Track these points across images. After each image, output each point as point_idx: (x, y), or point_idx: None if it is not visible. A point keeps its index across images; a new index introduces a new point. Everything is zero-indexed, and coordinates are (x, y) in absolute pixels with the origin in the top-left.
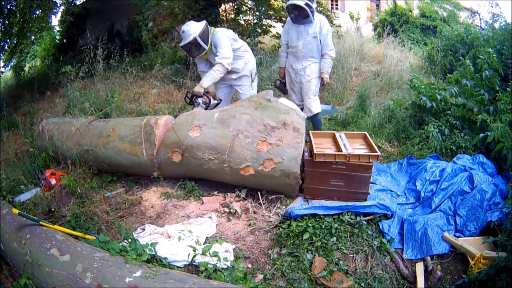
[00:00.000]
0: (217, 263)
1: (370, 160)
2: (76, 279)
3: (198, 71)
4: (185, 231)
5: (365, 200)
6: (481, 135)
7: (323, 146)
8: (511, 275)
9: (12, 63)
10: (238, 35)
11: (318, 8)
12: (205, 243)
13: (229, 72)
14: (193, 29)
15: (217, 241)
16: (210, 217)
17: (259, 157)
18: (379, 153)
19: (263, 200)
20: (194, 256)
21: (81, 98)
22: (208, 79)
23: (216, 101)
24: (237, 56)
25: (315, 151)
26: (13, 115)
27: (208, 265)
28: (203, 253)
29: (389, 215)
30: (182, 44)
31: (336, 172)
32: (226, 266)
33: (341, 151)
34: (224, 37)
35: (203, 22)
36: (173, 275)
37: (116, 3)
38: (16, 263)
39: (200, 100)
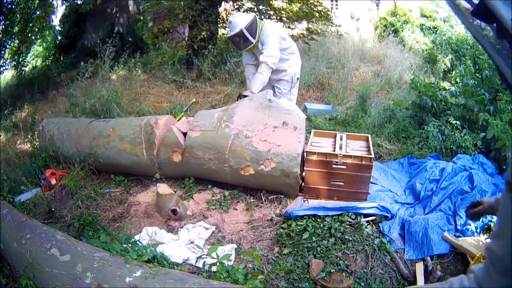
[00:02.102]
0: (218, 263)
1: (363, 162)
2: (76, 279)
3: (243, 63)
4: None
5: (365, 200)
6: (482, 134)
7: (320, 145)
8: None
9: (13, 63)
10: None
11: (318, 8)
12: (204, 244)
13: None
14: (240, 20)
15: (219, 241)
16: (205, 227)
17: (259, 157)
18: (372, 155)
19: (263, 200)
20: (199, 257)
21: (82, 98)
22: (257, 84)
23: None
24: (281, 58)
25: (307, 148)
26: (13, 115)
27: (212, 267)
28: (208, 254)
29: (389, 217)
30: (228, 35)
31: (336, 172)
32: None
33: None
34: (272, 33)
35: (252, 14)
36: (173, 275)
37: (116, 3)
38: (16, 263)
39: None
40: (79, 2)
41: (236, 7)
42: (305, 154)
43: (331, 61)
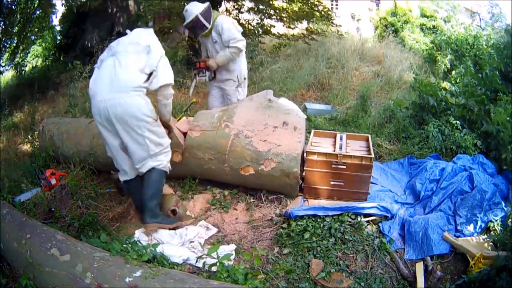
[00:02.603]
0: (219, 263)
1: (363, 162)
2: (76, 279)
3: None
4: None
5: (365, 200)
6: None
7: (320, 145)
8: (511, 274)
9: (13, 63)
10: (242, 35)
11: (319, 8)
12: (204, 244)
13: (220, 71)
14: (195, 8)
15: (219, 241)
16: (206, 226)
17: (259, 157)
18: (372, 155)
19: (263, 200)
20: (199, 257)
21: (82, 98)
22: (223, 59)
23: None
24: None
25: (307, 148)
26: (13, 115)
27: (212, 267)
28: (209, 254)
29: (389, 217)
30: (185, 23)
31: (336, 172)
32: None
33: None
34: (230, 22)
35: (207, 4)
36: (173, 275)
37: (116, 3)
38: (16, 263)
39: (207, 73)
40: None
41: (236, 7)
42: (305, 154)
43: (331, 61)
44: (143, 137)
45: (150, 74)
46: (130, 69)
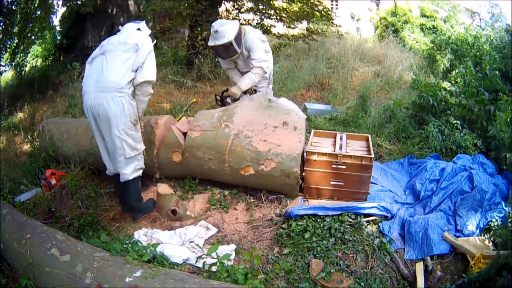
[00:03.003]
0: (218, 263)
1: (363, 162)
2: (76, 279)
3: (222, 68)
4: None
5: (365, 200)
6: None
7: (320, 145)
8: None
9: (13, 63)
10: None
11: (319, 8)
12: (204, 244)
13: None
14: (229, 30)
15: (219, 241)
16: (206, 226)
17: (259, 157)
18: (372, 155)
19: (263, 200)
20: (199, 257)
21: (81, 98)
22: (248, 82)
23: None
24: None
25: (307, 148)
26: (13, 115)
27: (212, 267)
28: (209, 254)
29: (389, 217)
30: (212, 44)
31: (336, 172)
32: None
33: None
34: (256, 39)
35: (237, 23)
36: (173, 275)
37: (116, 3)
38: (16, 263)
39: (229, 99)
40: (79, 2)
41: (236, 7)
42: (305, 154)
43: (331, 61)
44: (121, 140)
45: (137, 71)
46: (116, 70)
